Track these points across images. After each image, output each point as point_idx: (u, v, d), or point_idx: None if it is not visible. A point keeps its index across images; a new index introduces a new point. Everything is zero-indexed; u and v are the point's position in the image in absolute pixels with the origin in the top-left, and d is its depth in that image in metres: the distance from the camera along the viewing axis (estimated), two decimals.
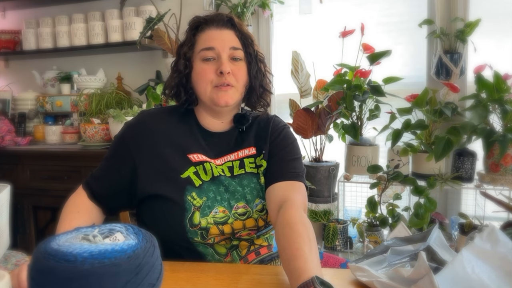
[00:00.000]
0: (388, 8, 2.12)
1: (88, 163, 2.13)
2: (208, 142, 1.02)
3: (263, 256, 1.01)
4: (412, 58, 2.10)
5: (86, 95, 2.38)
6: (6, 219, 0.83)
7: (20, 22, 2.76)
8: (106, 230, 0.59)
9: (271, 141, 1.04)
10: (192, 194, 0.95)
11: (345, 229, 1.88)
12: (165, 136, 1.00)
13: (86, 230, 0.60)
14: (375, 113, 1.82)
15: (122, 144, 1.01)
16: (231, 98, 0.98)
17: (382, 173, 1.77)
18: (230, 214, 0.96)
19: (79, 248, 0.53)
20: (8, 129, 2.47)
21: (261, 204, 0.99)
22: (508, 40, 1.89)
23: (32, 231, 2.31)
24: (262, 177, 1.01)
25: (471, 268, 0.68)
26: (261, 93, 1.05)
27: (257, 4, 2.17)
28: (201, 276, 0.83)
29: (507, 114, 1.59)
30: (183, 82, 1.01)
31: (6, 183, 0.85)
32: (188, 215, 0.93)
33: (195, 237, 0.93)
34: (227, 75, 0.96)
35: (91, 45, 2.45)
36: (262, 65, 1.05)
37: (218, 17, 1.00)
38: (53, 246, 0.54)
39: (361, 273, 0.78)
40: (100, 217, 1.02)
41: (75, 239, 0.57)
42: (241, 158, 1.02)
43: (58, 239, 0.57)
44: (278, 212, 0.88)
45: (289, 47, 2.07)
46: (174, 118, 1.03)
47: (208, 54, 0.97)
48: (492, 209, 1.62)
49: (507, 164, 1.64)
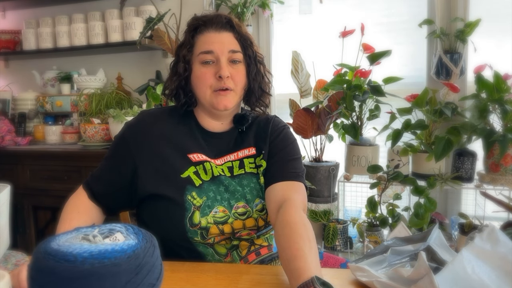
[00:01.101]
0: (388, 8, 2.12)
1: (88, 163, 2.13)
2: (208, 142, 1.02)
3: (263, 256, 1.01)
4: (412, 58, 2.10)
5: (86, 95, 2.38)
6: (6, 219, 0.83)
7: (20, 22, 2.76)
8: (106, 230, 0.59)
9: (271, 141, 1.04)
10: (192, 194, 0.95)
11: (345, 229, 1.88)
12: (165, 136, 1.00)
13: (86, 230, 0.60)
14: (375, 113, 1.82)
15: (122, 144, 1.01)
16: (230, 102, 0.98)
17: (382, 173, 1.77)
18: (230, 214, 0.96)
19: (79, 248, 0.53)
20: (8, 129, 2.47)
21: (261, 204, 0.99)
22: (508, 40, 1.89)
23: (32, 231, 2.31)
24: (262, 177, 1.01)
25: (471, 268, 0.68)
26: (260, 95, 1.05)
27: (257, 4, 2.17)
28: (201, 276, 0.83)
29: (507, 114, 1.59)
30: (183, 85, 1.01)
31: (6, 183, 0.85)
32: (188, 215, 0.93)
33: (195, 236, 0.93)
34: (226, 79, 0.96)
35: (91, 45, 2.44)
36: (261, 66, 1.05)
37: (217, 19, 1.00)
38: (53, 246, 0.54)
39: (361, 273, 0.78)
40: (100, 217, 1.02)
41: (75, 239, 0.57)
42: (241, 158, 1.02)
43: (58, 239, 0.57)
44: (277, 212, 0.88)
45: (289, 47, 2.07)
46: (174, 118, 1.03)
47: (207, 57, 0.97)
48: (492, 209, 1.62)
49: (507, 164, 1.64)
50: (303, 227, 0.81)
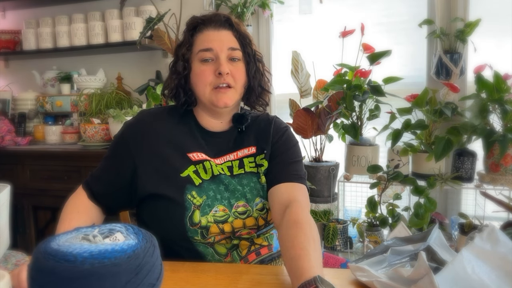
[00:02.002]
0: (388, 8, 2.12)
1: (88, 163, 2.13)
2: (208, 142, 1.02)
3: (263, 256, 1.01)
4: (412, 58, 2.10)
5: (86, 95, 2.38)
6: (6, 219, 0.83)
7: (20, 22, 2.76)
8: (106, 230, 0.59)
9: (273, 143, 1.04)
10: (192, 193, 0.95)
11: (345, 229, 1.88)
12: (164, 135, 1.00)
13: (86, 230, 0.60)
14: (375, 113, 1.82)
15: (121, 144, 1.01)
16: (230, 99, 0.98)
17: (382, 173, 1.77)
18: (230, 213, 0.96)
19: (79, 248, 0.53)
20: (8, 129, 2.47)
21: (261, 203, 0.99)
22: (508, 40, 1.89)
23: (32, 231, 2.31)
24: (263, 176, 1.01)
25: (471, 268, 0.68)
26: (260, 93, 1.05)
27: (257, 4, 2.17)
28: (201, 276, 0.83)
29: (507, 114, 1.59)
30: (182, 84, 1.01)
31: (6, 183, 0.85)
32: (188, 214, 0.93)
33: (195, 236, 0.93)
34: (225, 76, 0.96)
35: (91, 45, 2.44)
36: (260, 64, 1.05)
37: (215, 18, 1.00)
38: (53, 246, 0.54)
39: (361, 273, 0.78)
40: (100, 217, 1.02)
41: (75, 239, 0.57)
42: (241, 158, 1.02)
43: (58, 239, 0.57)
44: (284, 212, 0.88)
45: (289, 47, 2.06)
46: (174, 118, 1.03)
47: (206, 55, 0.97)
48: (492, 209, 1.62)
49: (507, 164, 1.64)
50: (309, 227, 0.82)
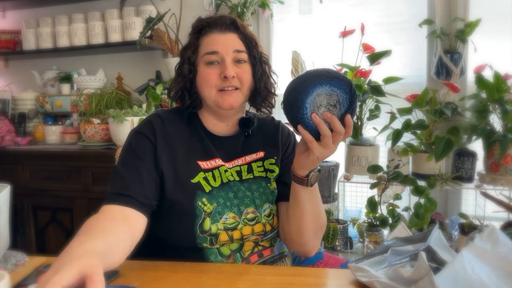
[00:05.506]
0: (388, 8, 2.12)
1: (88, 163, 2.13)
2: (217, 147, 1.01)
3: (265, 258, 1.01)
4: (412, 58, 2.10)
5: (86, 95, 2.38)
6: (6, 219, 0.83)
7: (20, 22, 2.76)
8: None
9: (283, 149, 1.06)
10: (202, 200, 0.94)
11: (345, 229, 1.87)
12: (177, 139, 0.98)
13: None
14: (375, 113, 1.82)
15: (149, 147, 0.94)
16: (236, 100, 0.97)
17: (382, 173, 1.77)
18: (240, 220, 0.96)
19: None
20: (8, 129, 2.47)
21: (269, 209, 0.99)
22: (508, 40, 1.88)
23: (32, 231, 2.30)
24: (274, 182, 1.02)
25: (471, 268, 0.68)
26: (265, 95, 1.05)
27: (257, 4, 2.17)
28: (201, 276, 0.83)
29: (507, 114, 1.59)
30: (188, 86, 1.00)
31: (6, 183, 0.85)
32: (198, 221, 0.92)
33: (204, 242, 0.93)
34: (231, 79, 0.95)
35: (91, 45, 2.44)
36: (266, 66, 1.04)
37: (221, 20, 0.99)
38: None
39: (361, 273, 0.78)
40: (143, 222, 0.89)
41: None
42: (249, 162, 1.02)
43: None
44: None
45: (289, 47, 2.06)
46: (183, 122, 1.02)
47: (211, 58, 0.96)
48: (492, 209, 1.62)
49: (507, 164, 1.63)
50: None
